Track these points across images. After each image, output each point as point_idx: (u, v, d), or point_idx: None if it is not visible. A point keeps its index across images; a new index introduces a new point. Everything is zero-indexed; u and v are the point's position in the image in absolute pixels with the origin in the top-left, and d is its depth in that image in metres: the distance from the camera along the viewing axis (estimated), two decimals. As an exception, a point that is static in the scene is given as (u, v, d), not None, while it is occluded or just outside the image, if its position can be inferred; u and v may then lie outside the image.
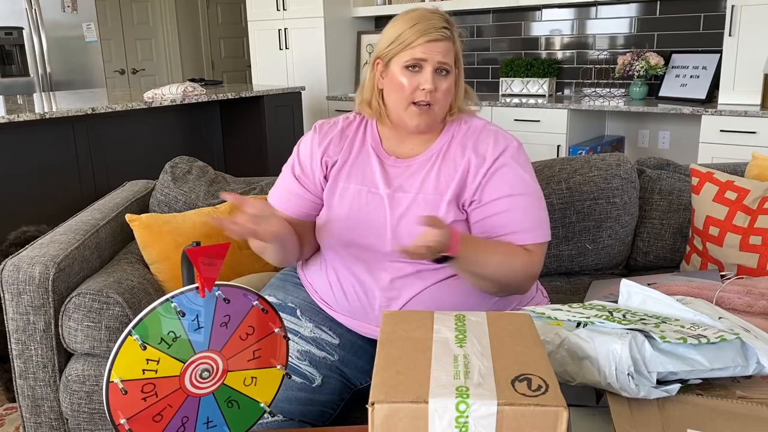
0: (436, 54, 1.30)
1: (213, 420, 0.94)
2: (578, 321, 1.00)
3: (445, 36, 1.31)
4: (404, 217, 1.34)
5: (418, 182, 1.36)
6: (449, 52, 1.32)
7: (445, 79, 1.33)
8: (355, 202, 1.37)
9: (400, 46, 1.32)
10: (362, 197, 1.37)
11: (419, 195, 1.35)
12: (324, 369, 1.36)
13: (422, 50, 1.30)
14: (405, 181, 1.37)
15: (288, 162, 1.48)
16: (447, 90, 1.34)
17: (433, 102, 1.32)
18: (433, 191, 1.35)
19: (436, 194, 1.35)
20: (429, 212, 1.34)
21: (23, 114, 2.96)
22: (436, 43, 1.30)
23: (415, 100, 1.32)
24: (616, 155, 2.00)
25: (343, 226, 1.37)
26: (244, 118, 4.14)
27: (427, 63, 1.31)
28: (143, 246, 1.78)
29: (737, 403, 0.88)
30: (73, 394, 1.57)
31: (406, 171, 1.38)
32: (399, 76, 1.33)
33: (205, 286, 0.88)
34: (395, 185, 1.37)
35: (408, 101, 1.33)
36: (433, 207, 1.34)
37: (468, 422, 0.71)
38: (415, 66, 1.31)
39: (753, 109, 3.27)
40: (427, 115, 1.33)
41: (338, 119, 1.48)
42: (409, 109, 1.33)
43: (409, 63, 1.31)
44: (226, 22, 7.18)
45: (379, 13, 4.86)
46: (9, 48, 4.74)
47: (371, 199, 1.36)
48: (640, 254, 2.02)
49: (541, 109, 3.93)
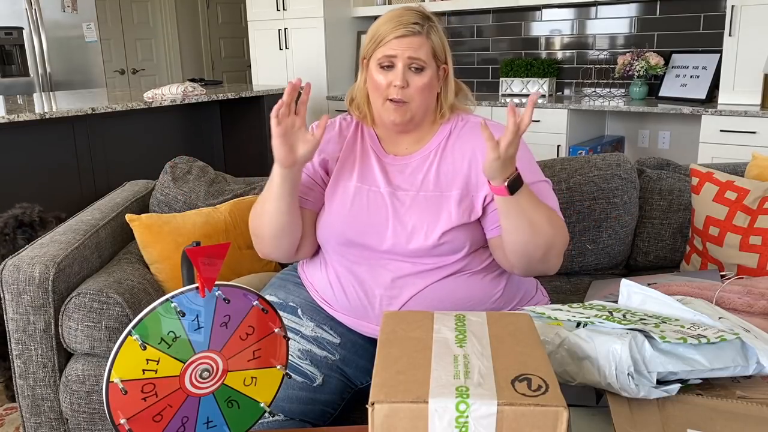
0: (405, 50, 1.30)
1: (213, 420, 0.94)
2: (578, 321, 1.00)
3: (414, 31, 1.31)
4: (405, 216, 1.34)
5: (419, 180, 1.36)
6: (421, 48, 1.31)
7: (419, 76, 1.32)
8: (356, 200, 1.37)
9: (374, 44, 1.34)
10: (363, 195, 1.37)
11: (420, 193, 1.35)
12: (325, 368, 1.36)
13: (392, 47, 1.31)
14: (404, 179, 1.37)
15: None
16: (422, 87, 1.33)
17: (405, 99, 1.32)
18: (434, 188, 1.35)
19: (437, 191, 1.35)
20: (431, 210, 1.34)
21: (23, 114, 2.96)
22: (404, 39, 1.31)
23: (389, 97, 1.33)
24: (616, 155, 2.00)
25: (344, 224, 1.36)
26: (244, 118, 4.14)
27: (398, 59, 1.31)
28: (143, 246, 1.78)
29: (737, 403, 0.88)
30: (73, 394, 1.57)
31: (405, 169, 1.38)
32: (375, 73, 1.34)
33: (205, 286, 0.88)
34: (395, 183, 1.37)
35: (383, 98, 1.34)
36: (435, 204, 1.34)
37: (468, 422, 0.71)
38: (387, 63, 1.32)
39: (753, 109, 3.27)
40: (402, 111, 1.33)
41: (335, 120, 1.48)
42: (385, 104, 1.35)
43: (381, 60, 1.33)
44: (226, 22, 7.18)
45: (379, 13, 4.84)
46: (9, 48, 4.75)
47: (372, 197, 1.36)
48: (640, 254, 2.02)
49: (541, 109, 3.93)
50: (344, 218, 1.36)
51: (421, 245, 1.32)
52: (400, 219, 1.34)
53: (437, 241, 1.31)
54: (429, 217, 1.33)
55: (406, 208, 1.35)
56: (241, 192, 2.00)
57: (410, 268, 1.34)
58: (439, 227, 1.32)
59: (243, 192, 2.01)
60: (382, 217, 1.35)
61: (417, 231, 1.32)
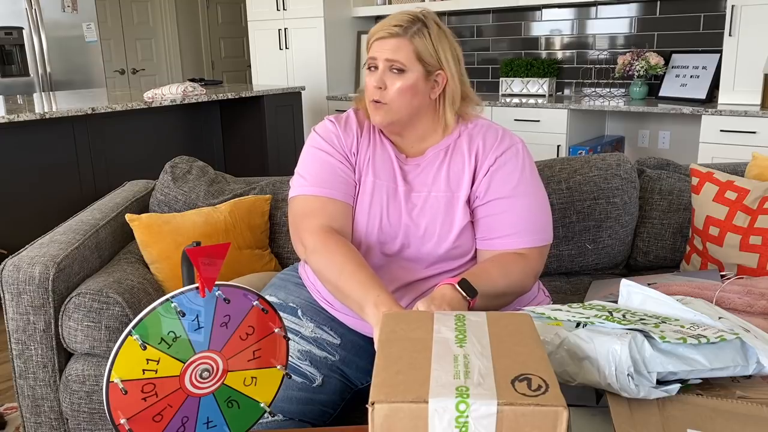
0: (384, 52, 1.32)
1: (213, 420, 0.94)
2: (578, 321, 1.00)
3: (392, 33, 1.31)
4: (417, 216, 1.34)
5: (430, 180, 1.37)
6: (400, 50, 1.31)
7: (398, 77, 1.32)
8: (376, 196, 1.37)
9: (367, 47, 1.38)
10: (383, 192, 1.37)
11: (431, 193, 1.35)
12: (325, 369, 1.36)
13: (374, 49, 1.34)
14: (416, 178, 1.38)
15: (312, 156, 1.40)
16: (400, 88, 1.32)
17: (382, 100, 1.33)
18: (445, 189, 1.35)
19: (448, 192, 1.35)
20: (442, 210, 1.34)
21: (23, 114, 2.96)
22: (383, 41, 1.32)
23: (371, 99, 1.35)
24: (616, 155, 2.00)
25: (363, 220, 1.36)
26: (244, 118, 4.14)
27: (378, 61, 1.33)
28: (143, 246, 1.78)
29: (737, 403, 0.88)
30: (73, 394, 1.57)
31: (416, 169, 1.39)
32: (365, 75, 1.38)
33: (205, 286, 0.88)
34: (409, 182, 1.38)
35: (369, 99, 1.36)
36: (446, 204, 1.34)
37: (468, 422, 0.71)
38: (373, 65, 1.35)
39: (753, 109, 3.27)
40: (382, 113, 1.34)
41: (350, 114, 1.45)
42: (369, 105, 1.37)
43: (368, 62, 1.36)
44: (226, 22, 7.18)
45: (379, 13, 4.86)
46: (9, 48, 4.74)
47: (391, 195, 1.37)
48: (640, 254, 2.02)
49: (541, 109, 3.93)
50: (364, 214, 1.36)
51: (432, 251, 1.33)
52: (411, 220, 1.35)
53: (451, 245, 1.33)
54: (441, 219, 1.34)
55: (419, 209, 1.35)
56: (241, 192, 2.00)
57: (415, 270, 1.35)
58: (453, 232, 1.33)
59: (243, 192, 2.01)
60: (395, 217, 1.35)
61: (430, 235, 1.33)
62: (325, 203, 1.34)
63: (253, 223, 1.91)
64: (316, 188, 1.35)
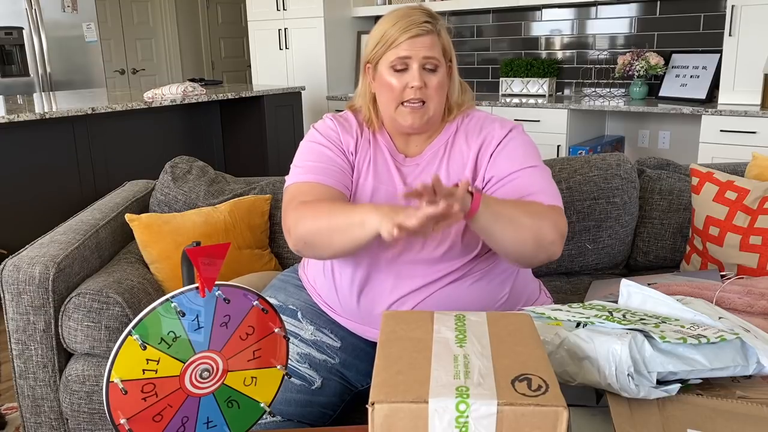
0: (420, 50, 1.27)
1: (213, 420, 0.94)
2: (578, 321, 1.00)
3: (427, 30, 1.28)
4: None
5: (429, 179, 1.34)
6: (434, 46, 1.29)
7: (435, 75, 1.30)
8: (374, 199, 1.34)
9: (384, 46, 1.30)
10: (382, 196, 1.34)
11: None
12: (324, 371, 1.35)
13: (406, 48, 1.27)
14: (415, 179, 1.35)
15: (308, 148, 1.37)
16: (438, 85, 1.30)
17: (425, 99, 1.29)
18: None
19: None
20: None
21: (23, 114, 2.96)
22: (418, 39, 1.27)
23: (405, 99, 1.29)
24: (616, 155, 2.00)
25: None
26: (244, 118, 4.14)
27: (413, 60, 1.28)
28: (143, 246, 1.78)
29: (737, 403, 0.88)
30: (73, 394, 1.57)
31: (415, 169, 1.36)
32: (387, 77, 1.30)
33: (205, 286, 0.88)
34: (408, 184, 1.35)
35: (397, 101, 1.30)
36: None
37: (468, 422, 0.71)
38: (401, 65, 1.29)
39: (753, 109, 3.27)
40: (421, 113, 1.30)
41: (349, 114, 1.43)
42: (399, 109, 1.31)
43: (395, 63, 1.29)
44: (226, 22, 7.18)
45: (379, 13, 4.86)
46: (9, 48, 4.75)
47: (391, 199, 1.34)
48: (640, 254, 2.02)
49: (541, 109, 3.93)
50: None
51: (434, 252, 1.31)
52: None
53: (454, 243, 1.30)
54: None
55: None
56: (241, 192, 2.00)
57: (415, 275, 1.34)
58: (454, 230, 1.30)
59: (243, 192, 2.01)
60: None
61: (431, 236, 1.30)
62: (314, 187, 1.30)
63: (253, 223, 1.91)
64: (310, 175, 1.32)
